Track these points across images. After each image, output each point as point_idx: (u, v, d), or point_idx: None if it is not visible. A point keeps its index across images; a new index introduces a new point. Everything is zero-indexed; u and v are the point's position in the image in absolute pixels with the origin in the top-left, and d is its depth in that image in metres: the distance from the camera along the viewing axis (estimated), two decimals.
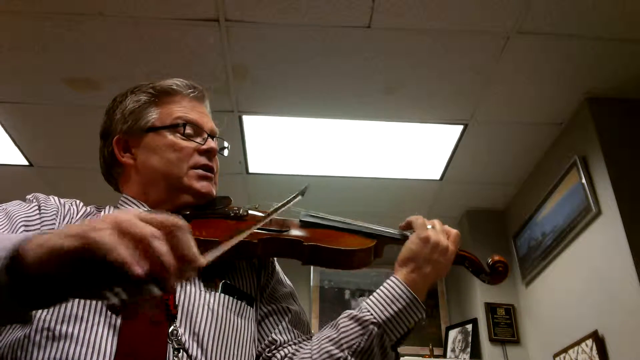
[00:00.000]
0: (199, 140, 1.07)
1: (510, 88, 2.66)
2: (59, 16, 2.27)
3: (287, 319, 1.05)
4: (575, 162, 2.73)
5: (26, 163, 3.22)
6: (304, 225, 1.06)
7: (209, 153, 1.07)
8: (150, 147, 1.05)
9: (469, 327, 3.52)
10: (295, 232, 1.03)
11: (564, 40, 2.38)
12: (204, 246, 0.93)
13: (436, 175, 3.35)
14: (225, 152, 1.17)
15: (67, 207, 1.00)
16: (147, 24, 2.32)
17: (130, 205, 1.04)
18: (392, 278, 0.98)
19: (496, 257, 1.05)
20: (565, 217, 2.82)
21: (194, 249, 0.57)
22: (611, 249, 2.49)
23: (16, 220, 0.91)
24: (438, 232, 1.01)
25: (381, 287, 0.98)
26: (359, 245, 1.00)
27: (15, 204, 0.97)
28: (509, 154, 3.15)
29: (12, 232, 0.89)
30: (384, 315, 0.94)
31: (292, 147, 3.13)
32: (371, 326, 0.94)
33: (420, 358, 3.36)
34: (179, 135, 1.05)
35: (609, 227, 2.51)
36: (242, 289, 1.01)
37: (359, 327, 0.94)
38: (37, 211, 0.95)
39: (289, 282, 1.13)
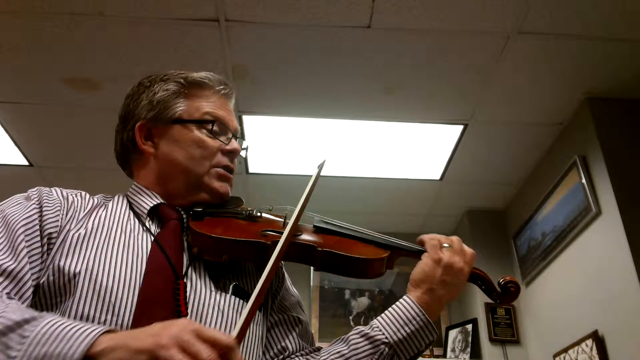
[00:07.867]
0: (223, 139, 1.06)
1: (510, 88, 2.66)
2: (59, 16, 2.27)
3: (297, 330, 1.04)
4: (575, 162, 2.73)
5: (26, 163, 3.22)
6: (317, 230, 1.04)
7: (233, 154, 1.07)
8: (175, 140, 1.04)
9: (469, 327, 3.51)
10: (309, 237, 1.01)
11: (564, 40, 2.38)
12: (217, 244, 0.94)
13: (436, 175, 3.35)
14: (245, 153, 1.15)
15: (70, 199, 0.98)
16: (147, 24, 2.32)
17: (142, 195, 1.02)
18: (405, 298, 0.97)
19: (508, 278, 1.05)
20: (565, 217, 2.82)
21: None
22: (611, 249, 2.48)
23: (16, 231, 0.88)
24: (454, 252, 0.98)
25: (394, 307, 0.96)
26: (373, 255, 0.99)
27: (15, 204, 0.94)
28: (509, 154, 3.15)
29: (12, 247, 0.87)
30: (397, 336, 0.93)
31: (292, 147, 3.13)
32: (382, 346, 0.93)
33: (420, 358, 3.36)
34: (205, 131, 1.04)
35: (609, 227, 2.51)
36: (252, 292, 1.00)
37: (370, 346, 0.93)
38: (38, 211, 0.92)
39: (294, 289, 1.13)
